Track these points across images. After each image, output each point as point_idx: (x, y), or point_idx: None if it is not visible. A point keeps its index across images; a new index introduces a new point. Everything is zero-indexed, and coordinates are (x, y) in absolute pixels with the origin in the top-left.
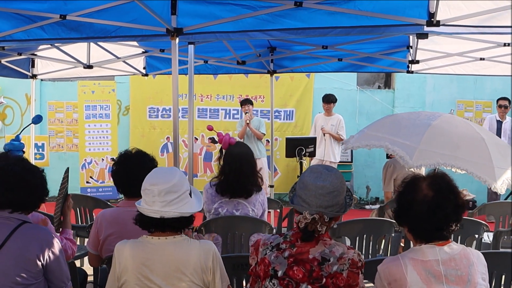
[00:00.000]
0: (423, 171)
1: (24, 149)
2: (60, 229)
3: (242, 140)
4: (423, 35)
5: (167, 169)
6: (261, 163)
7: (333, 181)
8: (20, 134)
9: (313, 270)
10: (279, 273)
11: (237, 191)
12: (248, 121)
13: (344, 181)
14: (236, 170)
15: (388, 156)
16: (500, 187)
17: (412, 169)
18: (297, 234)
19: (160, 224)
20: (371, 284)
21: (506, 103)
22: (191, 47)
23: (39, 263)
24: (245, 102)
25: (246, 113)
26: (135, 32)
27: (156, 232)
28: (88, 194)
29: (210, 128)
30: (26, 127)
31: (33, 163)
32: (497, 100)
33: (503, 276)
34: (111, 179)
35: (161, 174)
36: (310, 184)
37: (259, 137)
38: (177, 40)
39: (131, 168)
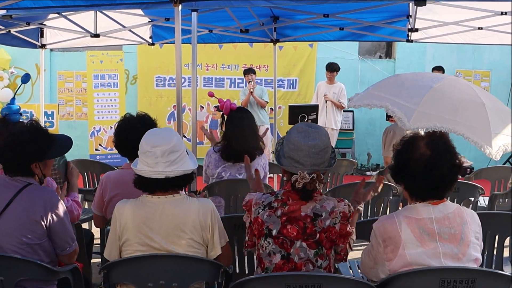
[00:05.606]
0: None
1: (20, 111)
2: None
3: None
4: (421, 2)
5: (163, 130)
6: (264, 130)
7: (322, 138)
8: (14, 97)
9: (306, 227)
10: (274, 232)
11: (241, 156)
12: (252, 90)
13: (328, 136)
14: (239, 135)
15: (387, 117)
16: (496, 153)
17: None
18: (288, 193)
19: (165, 184)
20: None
21: None
22: (194, 15)
23: (43, 224)
24: (248, 71)
25: (249, 82)
26: None
27: (157, 192)
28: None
29: (211, 95)
30: (18, 88)
31: None
32: None
33: (497, 236)
34: None
35: (159, 135)
36: (302, 144)
37: (263, 105)
38: (180, 7)
39: (134, 131)
